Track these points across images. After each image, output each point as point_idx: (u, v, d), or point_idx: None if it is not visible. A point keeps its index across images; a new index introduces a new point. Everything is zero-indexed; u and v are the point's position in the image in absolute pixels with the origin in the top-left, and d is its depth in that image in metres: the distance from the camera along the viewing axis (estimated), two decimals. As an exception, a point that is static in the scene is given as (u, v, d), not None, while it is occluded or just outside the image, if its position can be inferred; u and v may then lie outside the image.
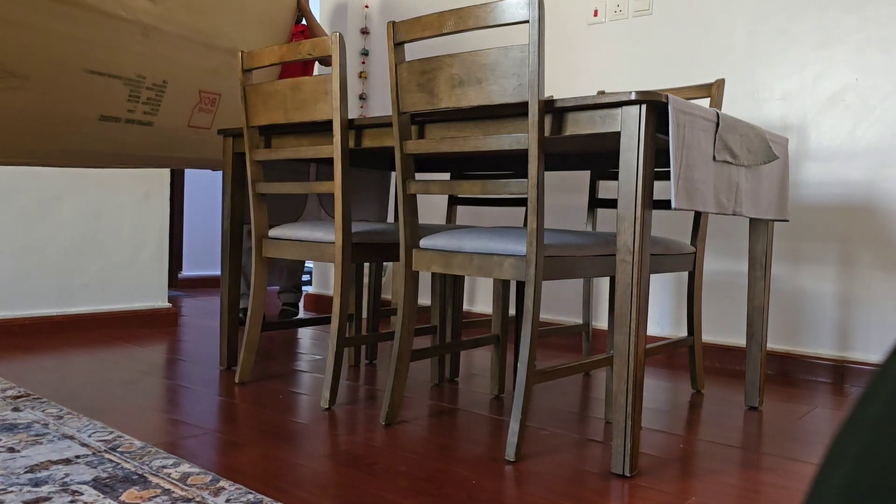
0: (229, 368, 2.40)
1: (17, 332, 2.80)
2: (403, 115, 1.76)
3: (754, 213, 1.82)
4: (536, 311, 1.56)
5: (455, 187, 1.71)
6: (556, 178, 3.21)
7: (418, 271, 1.81)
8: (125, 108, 2.45)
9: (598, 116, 1.52)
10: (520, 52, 1.51)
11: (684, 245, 2.13)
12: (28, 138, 2.33)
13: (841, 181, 2.49)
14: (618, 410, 1.50)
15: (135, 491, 1.28)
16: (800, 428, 1.89)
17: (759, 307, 2.08)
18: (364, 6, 3.95)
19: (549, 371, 1.63)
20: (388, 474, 1.45)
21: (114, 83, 2.37)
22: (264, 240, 2.20)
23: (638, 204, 1.46)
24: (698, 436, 1.80)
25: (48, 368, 2.30)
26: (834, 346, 2.51)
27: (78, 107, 2.34)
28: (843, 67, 2.49)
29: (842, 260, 2.49)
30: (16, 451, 1.48)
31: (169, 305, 3.31)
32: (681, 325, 2.87)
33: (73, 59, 2.24)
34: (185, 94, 2.61)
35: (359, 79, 3.95)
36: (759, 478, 1.50)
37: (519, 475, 1.47)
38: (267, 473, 1.42)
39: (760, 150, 1.81)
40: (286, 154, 2.07)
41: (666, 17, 2.88)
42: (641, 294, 1.48)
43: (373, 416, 1.88)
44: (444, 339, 2.25)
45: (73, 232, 2.99)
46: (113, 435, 1.61)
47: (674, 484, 1.45)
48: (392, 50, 1.74)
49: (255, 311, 2.21)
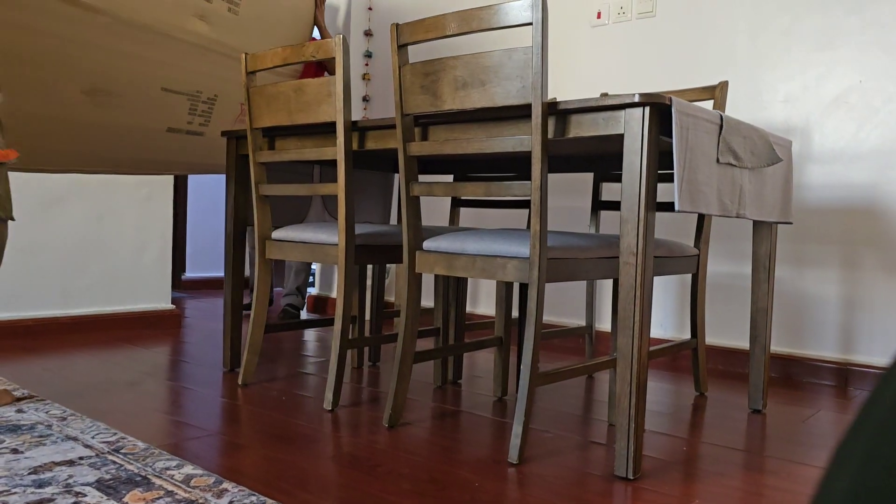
0: (232, 370, 2.40)
1: (21, 333, 2.81)
2: (407, 117, 1.76)
3: (758, 216, 1.82)
4: (539, 314, 1.56)
5: (458, 189, 1.71)
6: (560, 180, 3.21)
7: (421, 273, 1.81)
8: (186, 120, 2.76)
9: (601, 119, 1.52)
10: (523, 55, 1.51)
11: (687, 247, 2.12)
12: (108, 148, 2.62)
13: (844, 183, 2.49)
14: (621, 413, 1.50)
15: (138, 493, 1.28)
16: (803, 431, 1.89)
17: (762, 310, 2.08)
18: (367, 8, 3.95)
19: (552, 373, 1.63)
20: (391, 476, 1.45)
21: (180, 99, 2.68)
22: (267, 241, 2.21)
23: (641, 206, 1.46)
24: (701, 438, 1.79)
25: (52, 369, 2.31)
26: (837, 348, 2.51)
27: (151, 120, 2.64)
28: (846, 69, 2.49)
29: (845, 262, 2.49)
30: (20, 452, 1.48)
31: (172, 307, 3.31)
32: (684, 328, 2.86)
33: (150, 78, 2.54)
34: (230, 107, 2.90)
35: (362, 80, 3.95)
36: (762, 481, 1.50)
37: (522, 478, 1.47)
38: (270, 475, 1.43)
39: (764, 153, 1.80)
40: (290, 156, 2.07)
41: (669, 20, 2.88)
42: (645, 296, 1.48)
43: (376, 418, 1.88)
44: (448, 342, 2.25)
45: (77, 233, 2.99)
46: (116, 436, 1.61)
47: (677, 487, 1.44)
48: (396, 52, 1.74)
49: (258, 313, 2.21)
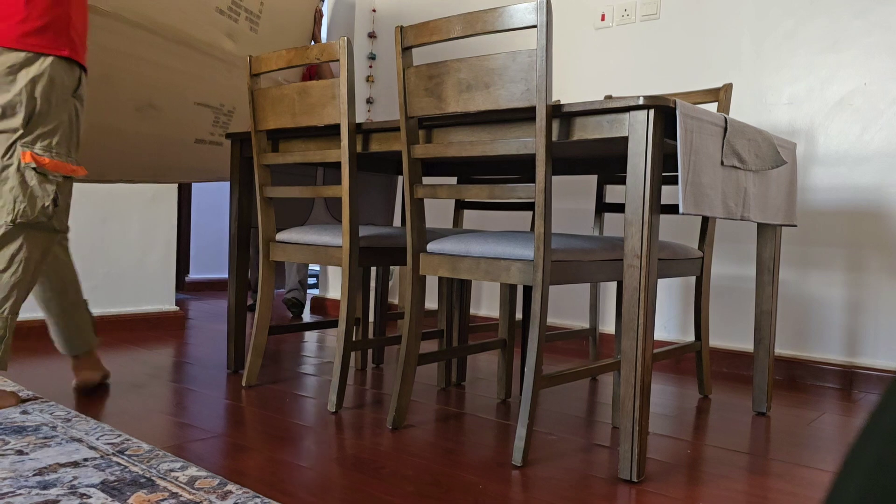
0: (236, 372, 2.40)
1: (25, 334, 2.81)
2: (411, 120, 1.77)
3: (762, 218, 1.82)
4: (543, 316, 1.56)
5: (462, 192, 1.71)
6: (564, 182, 3.21)
7: (425, 275, 1.81)
8: (209, 131, 2.90)
9: (605, 121, 1.52)
10: (528, 57, 1.51)
11: (692, 250, 2.12)
12: (147, 158, 2.78)
13: (849, 186, 2.48)
14: (625, 415, 1.49)
15: (142, 494, 1.28)
16: (808, 434, 1.89)
17: (766, 312, 2.08)
18: (371, 10, 3.96)
19: (556, 376, 1.63)
20: (395, 478, 1.45)
21: (207, 111, 2.83)
22: (271, 244, 2.21)
23: (645, 208, 1.46)
24: (706, 441, 1.79)
25: (56, 371, 2.31)
26: (842, 351, 2.50)
27: (184, 132, 2.80)
28: (851, 72, 2.48)
29: (850, 265, 2.48)
30: (24, 453, 1.49)
31: (176, 308, 3.32)
32: (688, 330, 2.86)
33: (188, 91, 2.71)
34: (244, 118, 3.03)
35: (366, 82, 3.96)
36: (767, 484, 1.49)
37: (526, 480, 1.47)
38: (274, 477, 1.43)
39: (768, 155, 1.80)
40: (294, 158, 2.07)
41: (673, 22, 2.88)
42: (649, 298, 1.48)
43: (379, 420, 1.88)
44: (451, 343, 2.25)
45: (81, 236, 3.00)
46: (121, 438, 1.62)
47: (681, 490, 1.44)
48: (400, 54, 1.74)
49: (262, 315, 2.22)
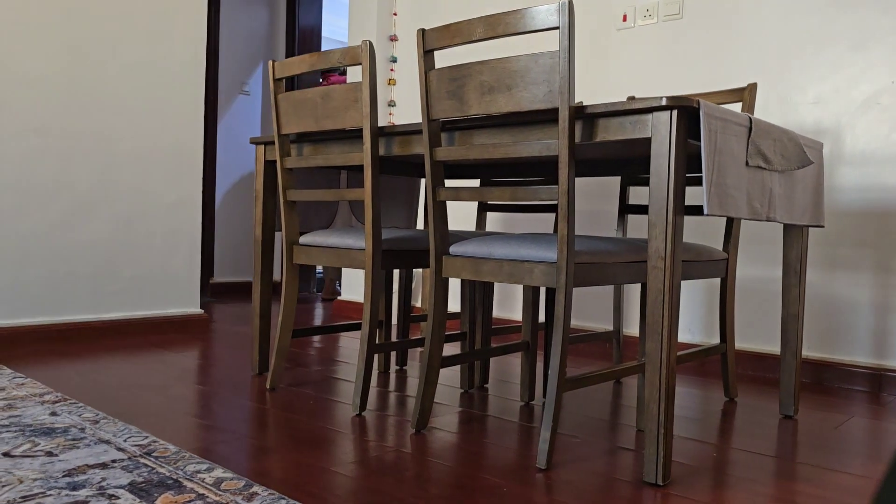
0: (261, 374, 2.42)
1: (53, 337, 2.86)
2: (433, 123, 1.77)
3: (788, 219, 1.79)
4: (567, 318, 1.56)
5: (485, 194, 1.71)
6: (587, 184, 3.20)
7: (448, 278, 1.81)
8: None
9: (628, 122, 1.51)
10: (550, 59, 1.51)
11: (716, 251, 2.10)
12: None
13: (877, 186, 2.45)
14: (649, 418, 1.48)
15: (170, 496, 1.30)
16: (836, 437, 1.86)
17: (793, 314, 2.05)
18: (392, 13, 3.97)
19: (579, 378, 1.62)
20: (418, 481, 1.45)
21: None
22: (295, 247, 2.22)
23: (669, 210, 1.45)
24: (732, 444, 1.77)
25: (84, 373, 2.35)
26: (870, 353, 2.46)
27: None
28: (878, 70, 2.44)
29: (878, 266, 2.45)
30: (54, 455, 1.51)
31: (201, 311, 3.35)
32: (712, 332, 2.83)
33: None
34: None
35: (387, 86, 3.97)
36: (794, 488, 1.48)
37: (550, 483, 1.46)
38: (298, 479, 1.44)
39: (794, 155, 1.78)
40: (317, 161, 2.09)
41: (696, 21, 2.86)
42: (673, 301, 1.47)
43: (403, 423, 1.88)
44: (474, 346, 2.25)
45: (107, 239, 3.04)
46: (148, 440, 1.63)
47: (707, 493, 1.43)
48: (422, 57, 1.74)
49: (286, 317, 2.23)
